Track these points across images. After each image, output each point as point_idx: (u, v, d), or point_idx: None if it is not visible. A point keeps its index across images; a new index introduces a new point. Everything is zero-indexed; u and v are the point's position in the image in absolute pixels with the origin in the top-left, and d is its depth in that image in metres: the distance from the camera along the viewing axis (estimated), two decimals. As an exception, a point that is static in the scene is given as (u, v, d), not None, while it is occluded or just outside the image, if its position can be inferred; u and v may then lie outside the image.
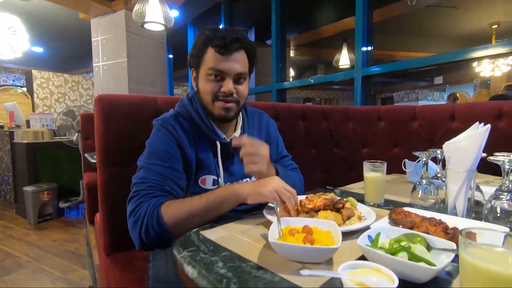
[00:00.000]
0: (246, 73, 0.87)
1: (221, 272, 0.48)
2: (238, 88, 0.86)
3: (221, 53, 0.82)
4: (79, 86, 6.24)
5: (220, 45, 0.81)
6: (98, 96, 1.08)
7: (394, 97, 9.07)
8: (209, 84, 0.84)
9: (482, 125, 0.69)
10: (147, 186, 0.76)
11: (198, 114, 0.89)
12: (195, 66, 0.88)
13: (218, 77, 0.84)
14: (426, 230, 0.55)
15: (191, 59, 0.89)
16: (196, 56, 0.86)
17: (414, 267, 0.41)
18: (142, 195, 0.74)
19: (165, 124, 0.85)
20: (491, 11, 4.20)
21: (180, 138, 0.84)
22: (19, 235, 2.73)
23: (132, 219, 0.73)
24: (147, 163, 0.80)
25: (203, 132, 0.89)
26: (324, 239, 0.52)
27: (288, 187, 0.73)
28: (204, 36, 0.84)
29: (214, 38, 0.82)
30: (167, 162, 0.80)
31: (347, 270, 0.41)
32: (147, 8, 2.39)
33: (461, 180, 0.68)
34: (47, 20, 4.53)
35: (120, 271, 1.01)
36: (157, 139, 0.84)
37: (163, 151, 0.81)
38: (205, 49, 0.84)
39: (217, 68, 0.82)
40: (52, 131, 3.44)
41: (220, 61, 0.82)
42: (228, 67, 0.83)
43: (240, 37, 0.83)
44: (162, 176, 0.78)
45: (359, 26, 2.51)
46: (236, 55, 0.84)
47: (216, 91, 0.84)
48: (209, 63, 0.83)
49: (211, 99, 0.85)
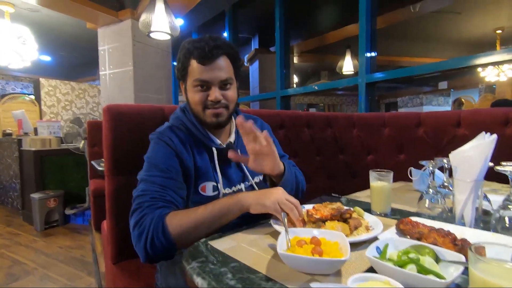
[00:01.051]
0: (231, 78, 0.89)
1: (230, 283, 0.49)
2: (225, 93, 0.88)
3: (203, 64, 0.84)
4: (86, 94, 6.33)
5: (200, 55, 0.83)
6: (106, 106, 1.10)
7: (398, 102, 9.04)
8: (197, 94, 0.87)
9: (488, 134, 0.70)
10: (150, 197, 0.76)
11: (192, 123, 0.90)
12: (182, 79, 0.91)
13: (204, 86, 0.86)
14: (434, 241, 0.55)
15: (177, 72, 0.92)
16: (181, 70, 0.89)
17: (424, 280, 0.41)
18: (145, 207, 0.75)
19: (162, 136, 0.87)
20: (495, 16, 4.20)
21: (178, 149, 0.85)
22: (26, 241, 2.76)
23: (136, 232, 0.73)
24: (148, 175, 0.81)
25: (199, 140, 0.90)
26: (332, 250, 0.53)
27: (291, 198, 0.73)
28: (185, 49, 0.87)
29: (193, 49, 0.84)
30: (167, 173, 0.81)
31: (356, 283, 0.41)
32: (153, 18, 2.43)
33: (468, 190, 0.68)
34: (55, 30, 4.63)
35: (127, 279, 1.02)
36: (155, 152, 0.85)
37: (162, 162, 0.82)
38: (187, 62, 0.86)
39: (201, 78, 0.85)
40: (59, 138, 3.49)
41: (203, 71, 0.84)
42: (211, 76, 0.85)
43: (219, 43, 0.85)
44: (163, 187, 0.79)
45: (362, 32, 2.52)
46: (218, 62, 0.85)
47: (204, 100, 0.86)
48: (193, 74, 0.86)
49: (201, 109, 0.88)
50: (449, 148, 0.73)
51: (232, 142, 0.96)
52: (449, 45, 5.50)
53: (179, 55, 0.89)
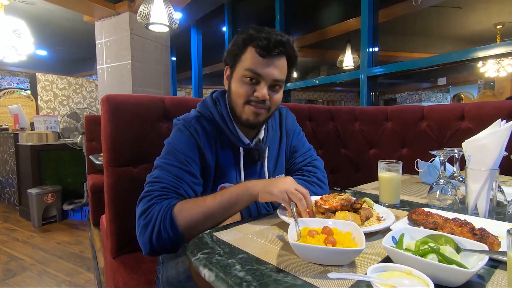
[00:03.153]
0: (283, 80, 0.82)
1: (239, 275, 0.46)
2: (273, 95, 0.81)
3: (261, 55, 0.77)
4: (83, 88, 6.26)
5: (262, 46, 0.76)
6: (105, 96, 1.06)
7: (397, 98, 9.03)
8: (243, 87, 0.79)
9: (504, 122, 0.67)
10: (161, 187, 0.72)
11: (222, 117, 0.85)
12: (231, 64, 0.83)
13: (253, 80, 0.79)
14: (451, 231, 0.53)
15: (228, 55, 0.83)
16: (234, 54, 0.81)
17: (448, 270, 0.38)
18: (155, 196, 0.70)
19: (188, 125, 0.81)
20: (496, 11, 4.17)
21: (202, 142, 0.80)
22: (24, 237, 2.72)
23: (142, 221, 0.69)
24: (164, 163, 0.76)
25: (225, 137, 0.85)
26: (345, 240, 0.50)
27: (301, 188, 0.69)
28: (246, 34, 0.79)
29: (257, 37, 0.76)
30: (186, 166, 0.76)
31: (375, 273, 0.38)
32: (152, 9, 2.39)
33: (482, 180, 0.66)
34: (52, 23, 4.55)
35: (127, 273, 0.99)
36: (177, 140, 0.80)
37: (182, 153, 0.77)
38: (245, 48, 0.79)
39: (255, 70, 0.77)
40: (56, 133, 3.44)
41: (259, 63, 0.77)
42: (266, 72, 0.78)
43: (284, 40, 0.78)
44: (178, 178, 0.74)
45: (364, 26, 2.49)
46: (277, 60, 0.78)
47: (249, 95, 0.79)
48: (247, 63, 0.78)
49: (242, 103, 0.80)
50: (453, 142, 0.71)
51: (261, 140, 0.90)
52: (449, 41, 5.48)
53: (237, 38, 0.81)
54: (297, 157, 1.00)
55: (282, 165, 0.99)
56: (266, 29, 0.79)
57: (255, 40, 0.77)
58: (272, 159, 0.95)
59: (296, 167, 0.99)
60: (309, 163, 0.99)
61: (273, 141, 0.95)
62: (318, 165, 1.00)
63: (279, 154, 0.97)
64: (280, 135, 0.98)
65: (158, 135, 1.10)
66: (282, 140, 0.98)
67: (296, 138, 1.02)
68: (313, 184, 0.94)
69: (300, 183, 0.83)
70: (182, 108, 1.15)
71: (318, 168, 0.99)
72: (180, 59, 5.20)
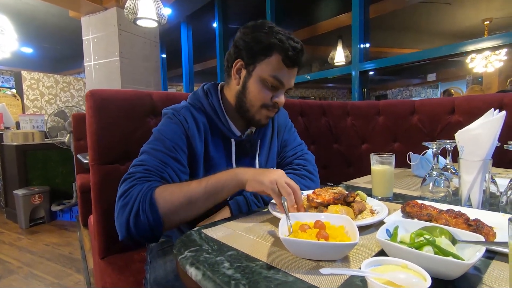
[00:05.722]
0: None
1: (228, 273, 0.44)
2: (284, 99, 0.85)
3: (287, 65, 0.78)
4: (71, 87, 6.10)
5: (290, 57, 0.77)
6: (89, 91, 1.03)
7: (388, 94, 9.11)
8: (264, 91, 0.80)
9: (497, 111, 0.66)
10: (144, 169, 0.69)
11: (214, 109, 0.83)
12: (249, 61, 0.80)
13: (274, 86, 0.80)
14: (446, 222, 0.52)
15: (245, 50, 0.79)
16: (254, 51, 0.78)
17: (445, 263, 0.37)
18: (136, 178, 0.67)
19: (177, 113, 0.80)
20: (484, 7, 4.23)
21: (191, 130, 0.78)
22: (10, 240, 2.64)
23: (120, 202, 0.65)
24: (150, 148, 0.74)
25: (217, 129, 0.83)
26: (338, 234, 0.48)
27: (291, 182, 0.66)
28: (276, 38, 0.77)
29: (288, 47, 0.76)
30: (172, 152, 0.74)
31: (370, 268, 0.37)
32: (139, 4, 2.33)
33: (475, 170, 0.65)
34: (36, 19, 4.41)
35: (116, 274, 0.96)
36: (165, 126, 0.78)
37: (170, 139, 0.75)
38: (270, 51, 0.77)
39: (280, 79, 0.79)
40: (43, 132, 3.35)
41: (284, 72, 0.79)
42: (288, 81, 0.81)
43: (303, 50, 0.80)
44: (163, 162, 0.72)
45: (355, 21, 2.48)
46: (295, 70, 0.82)
47: (268, 100, 0.81)
48: (272, 69, 0.78)
49: (259, 106, 0.81)
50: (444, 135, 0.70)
51: (253, 132, 0.90)
52: (439, 36, 5.53)
53: (260, 36, 0.77)
54: (288, 151, 1.00)
55: (274, 159, 0.97)
56: (293, 37, 0.79)
57: (285, 49, 0.77)
58: (264, 153, 0.94)
59: (287, 161, 0.98)
60: (299, 156, 0.99)
61: (265, 136, 0.94)
62: (309, 158, 1.00)
63: (270, 148, 0.96)
64: (272, 130, 0.98)
65: (146, 132, 1.06)
66: (274, 134, 0.98)
67: (288, 133, 1.02)
68: (304, 177, 0.93)
69: (291, 177, 0.81)
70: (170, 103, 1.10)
71: (308, 161, 0.99)
72: (171, 57, 5.13)
